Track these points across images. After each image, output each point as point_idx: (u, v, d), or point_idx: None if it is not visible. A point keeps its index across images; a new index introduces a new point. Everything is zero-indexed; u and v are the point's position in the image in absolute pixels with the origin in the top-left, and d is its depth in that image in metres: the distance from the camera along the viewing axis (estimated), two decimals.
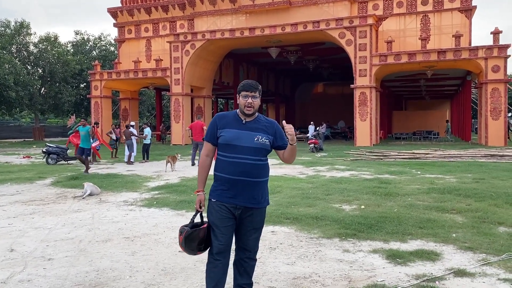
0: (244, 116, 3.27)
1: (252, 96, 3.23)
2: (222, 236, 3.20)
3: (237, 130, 3.22)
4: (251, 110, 3.23)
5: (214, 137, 3.30)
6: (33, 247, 5.39)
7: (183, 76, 29.14)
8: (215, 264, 3.23)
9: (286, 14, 27.30)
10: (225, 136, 3.22)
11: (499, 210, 6.85)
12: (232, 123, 3.26)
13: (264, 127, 3.27)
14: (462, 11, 25.15)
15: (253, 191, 3.21)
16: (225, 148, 3.23)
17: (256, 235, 3.34)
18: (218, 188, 3.25)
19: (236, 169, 3.17)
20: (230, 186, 3.19)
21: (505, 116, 23.29)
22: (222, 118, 3.33)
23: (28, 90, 36.52)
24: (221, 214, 3.21)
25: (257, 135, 3.21)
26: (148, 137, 17.92)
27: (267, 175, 3.34)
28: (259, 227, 3.34)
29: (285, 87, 50.12)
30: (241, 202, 3.20)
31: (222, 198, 3.22)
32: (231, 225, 3.24)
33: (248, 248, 3.32)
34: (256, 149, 3.19)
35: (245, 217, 3.24)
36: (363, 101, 25.22)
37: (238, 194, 3.19)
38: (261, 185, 3.26)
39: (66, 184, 10.87)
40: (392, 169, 12.90)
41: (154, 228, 6.25)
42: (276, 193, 8.82)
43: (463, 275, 4.16)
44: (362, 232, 5.70)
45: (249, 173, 3.18)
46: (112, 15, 33.30)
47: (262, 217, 3.33)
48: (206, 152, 3.37)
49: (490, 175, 11.20)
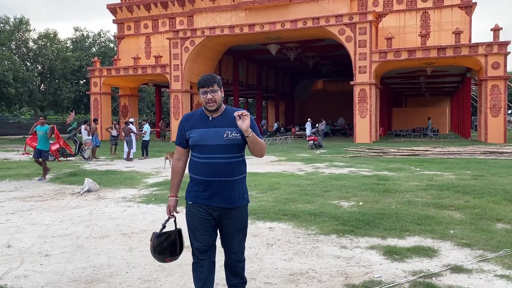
0: (210, 113, 3.11)
1: (211, 91, 3.06)
2: (202, 237, 3.12)
3: (204, 129, 3.08)
4: (213, 105, 3.07)
5: (183, 139, 3.18)
6: (30, 243, 5.38)
7: (182, 72, 29.09)
8: (201, 263, 3.16)
9: (285, 11, 27.23)
10: (194, 137, 3.09)
11: (497, 207, 6.84)
12: (198, 123, 3.12)
13: (232, 120, 3.06)
14: (462, 7, 25.09)
15: (229, 190, 3.08)
16: (196, 149, 3.11)
17: (240, 237, 3.21)
18: (194, 189, 3.14)
19: (209, 170, 3.05)
20: (205, 188, 3.08)
21: (504, 113, 23.27)
22: (188, 119, 3.19)
23: (27, 86, 36.46)
24: (199, 217, 3.10)
25: (226, 131, 3.06)
26: (147, 133, 17.91)
27: (243, 172, 3.19)
28: (242, 228, 3.20)
29: (285, 84, 50.07)
30: (218, 203, 3.08)
31: (198, 200, 3.11)
32: (210, 226, 3.14)
33: (233, 251, 3.21)
34: (227, 146, 3.05)
35: (225, 218, 3.12)
36: (362, 98, 25.19)
37: (214, 195, 3.07)
38: (236, 183, 3.12)
39: (64, 181, 10.87)
40: (391, 166, 12.89)
41: (152, 224, 6.24)
42: (274, 190, 8.82)
43: (460, 271, 4.16)
44: (359, 228, 5.70)
45: (222, 172, 3.05)
46: (112, 12, 33.22)
47: (243, 217, 3.19)
48: (178, 156, 3.26)
49: (489, 172, 11.19)
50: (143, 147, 17.75)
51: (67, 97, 40.01)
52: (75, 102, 43.97)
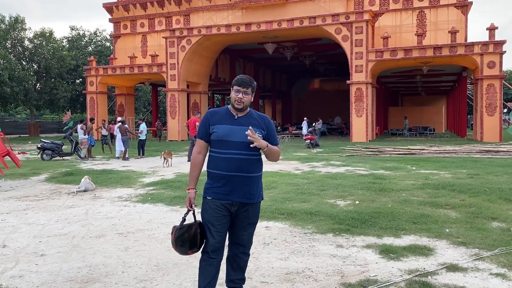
0: (236, 111, 3.25)
1: (243, 92, 3.21)
2: (218, 234, 3.20)
3: (230, 125, 3.20)
4: (240, 105, 3.21)
5: (206, 134, 3.27)
6: (25, 243, 5.36)
7: (179, 71, 29.04)
8: (210, 262, 3.22)
9: (282, 10, 27.22)
10: (218, 132, 3.20)
11: (492, 206, 6.87)
12: (224, 119, 3.24)
13: (256, 122, 3.25)
14: (458, 7, 25.15)
15: (249, 186, 3.21)
16: (218, 144, 3.20)
17: (251, 230, 3.35)
18: (213, 185, 3.22)
19: (231, 165, 3.16)
20: (225, 183, 3.17)
21: (500, 112, 23.36)
22: (214, 115, 3.30)
23: (23, 85, 36.27)
24: (217, 212, 3.19)
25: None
26: (144, 132, 17.86)
27: (261, 169, 3.34)
28: (254, 222, 3.34)
29: (282, 83, 50.07)
30: (237, 198, 3.19)
31: (218, 195, 3.20)
32: (226, 222, 3.24)
33: (242, 243, 3.33)
34: (250, 144, 3.16)
35: (241, 212, 3.24)
36: (359, 97, 25.23)
37: (234, 190, 3.18)
38: (255, 179, 3.26)
39: (60, 180, 10.83)
40: (387, 165, 12.92)
41: (148, 223, 6.23)
42: (271, 189, 8.82)
43: (455, 270, 4.17)
44: (356, 227, 5.71)
45: (243, 168, 3.17)
46: (108, 11, 33.10)
47: (257, 212, 3.34)
48: (198, 149, 3.33)
49: (485, 170, 11.24)
50: (139, 146, 17.71)
51: (63, 96, 39.83)
52: (71, 101, 43.77)
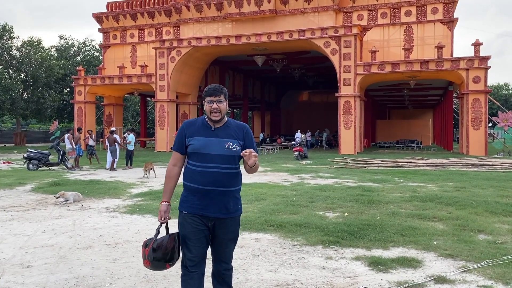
0: (213, 123, 3.12)
1: (217, 101, 3.07)
2: (196, 248, 3.08)
3: (206, 137, 3.08)
4: (218, 116, 3.09)
5: (182, 146, 3.15)
6: (11, 254, 5.27)
7: (168, 82, 29.03)
8: (191, 276, 3.10)
9: (272, 23, 27.49)
10: (194, 145, 3.08)
11: (479, 218, 6.96)
12: (200, 131, 3.11)
13: (234, 133, 3.13)
14: (444, 22, 25.67)
15: (226, 201, 3.09)
16: (195, 157, 3.08)
17: (232, 246, 3.24)
18: (188, 198, 3.11)
19: (207, 179, 3.04)
20: (201, 197, 3.06)
21: (485, 126, 23.74)
22: (190, 126, 3.16)
23: (10, 94, 35.87)
24: (193, 227, 3.07)
25: (227, 142, 3.09)
26: (132, 143, 17.77)
27: (239, 183, 3.23)
28: (234, 238, 3.22)
29: (271, 95, 50.32)
30: (214, 213, 3.07)
31: (193, 209, 3.07)
32: (204, 236, 3.12)
33: (225, 260, 3.22)
34: (227, 157, 3.07)
35: (219, 228, 3.13)
36: (347, 109, 25.46)
37: (210, 204, 3.06)
38: (233, 194, 3.15)
39: (47, 190, 10.69)
40: (375, 177, 13.02)
41: (137, 235, 6.18)
42: (260, 200, 8.82)
43: (443, 282, 4.22)
44: (345, 239, 5.73)
45: (220, 182, 3.06)
46: (97, 20, 33.05)
47: (236, 227, 3.22)
48: (174, 162, 3.21)
49: (471, 183, 11.38)
50: (127, 157, 17.59)
51: (51, 105, 39.45)
52: (59, 111, 43.37)
